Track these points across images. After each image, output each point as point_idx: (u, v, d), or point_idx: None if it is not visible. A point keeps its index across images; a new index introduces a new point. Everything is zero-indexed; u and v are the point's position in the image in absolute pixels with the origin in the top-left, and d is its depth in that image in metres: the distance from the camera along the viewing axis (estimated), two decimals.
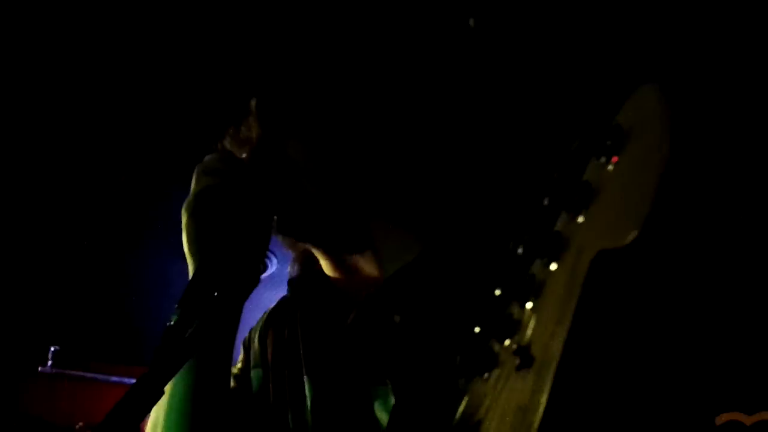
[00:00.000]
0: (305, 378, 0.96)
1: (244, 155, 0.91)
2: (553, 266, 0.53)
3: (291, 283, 1.07)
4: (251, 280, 0.82)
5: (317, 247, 0.99)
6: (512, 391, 0.53)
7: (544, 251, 0.54)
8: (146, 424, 0.91)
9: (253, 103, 0.96)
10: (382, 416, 0.85)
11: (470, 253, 0.91)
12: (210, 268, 0.79)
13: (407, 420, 0.81)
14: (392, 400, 0.84)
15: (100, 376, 4.39)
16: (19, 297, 3.98)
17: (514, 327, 0.55)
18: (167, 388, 0.72)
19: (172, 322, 0.73)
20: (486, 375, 0.58)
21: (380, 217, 0.96)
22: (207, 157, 0.90)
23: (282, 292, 1.09)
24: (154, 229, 3.41)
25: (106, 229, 3.46)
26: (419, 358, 0.84)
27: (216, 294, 0.77)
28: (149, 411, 0.71)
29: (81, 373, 4.42)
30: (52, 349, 4.27)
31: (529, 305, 0.55)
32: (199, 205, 0.86)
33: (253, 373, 1.04)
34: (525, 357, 0.52)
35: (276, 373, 1.01)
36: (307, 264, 1.07)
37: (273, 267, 3.27)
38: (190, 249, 0.86)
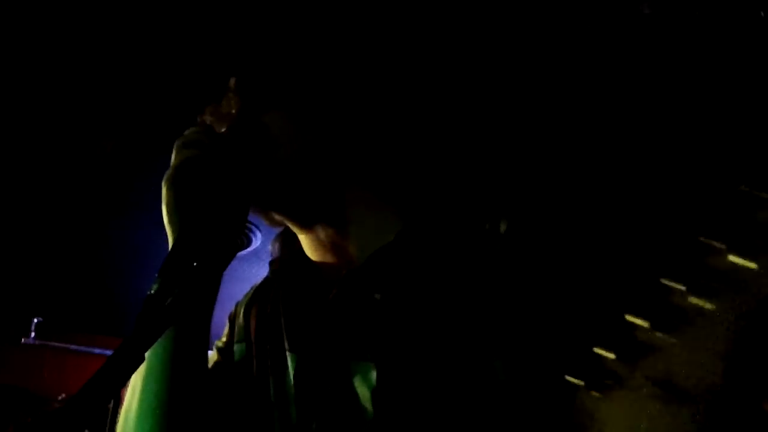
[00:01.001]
0: (287, 353, 0.97)
1: (223, 129, 0.91)
2: (709, 305, 0.52)
3: (272, 264, 1.07)
4: (229, 251, 0.83)
5: (293, 221, 1.00)
6: (648, 417, 0.52)
7: (703, 288, 0.52)
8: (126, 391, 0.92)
9: (233, 80, 0.96)
10: (363, 391, 0.86)
11: (451, 231, 0.92)
12: (189, 238, 0.80)
13: (391, 397, 0.83)
14: (373, 376, 0.85)
15: (82, 348, 4.40)
16: (3, 269, 3.97)
17: (649, 352, 0.54)
18: (147, 355, 0.73)
19: (152, 291, 0.74)
20: (599, 393, 0.57)
21: (359, 194, 0.97)
22: (187, 131, 0.91)
23: (264, 266, 1.11)
24: (138, 202, 3.41)
25: (90, 201, 3.46)
26: (401, 335, 0.85)
27: (195, 264, 0.78)
28: (130, 376, 0.72)
29: (64, 345, 4.43)
30: (35, 320, 4.28)
31: (671, 335, 0.53)
32: (178, 177, 0.86)
33: (237, 347, 1.05)
34: (668, 386, 0.51)
35: (259, 347, 1.02)
36: (288, 242, 1.08)
37: (257, 242, 3.28)
38: (169, 220, 0.87)
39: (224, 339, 1.08)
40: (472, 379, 0.80)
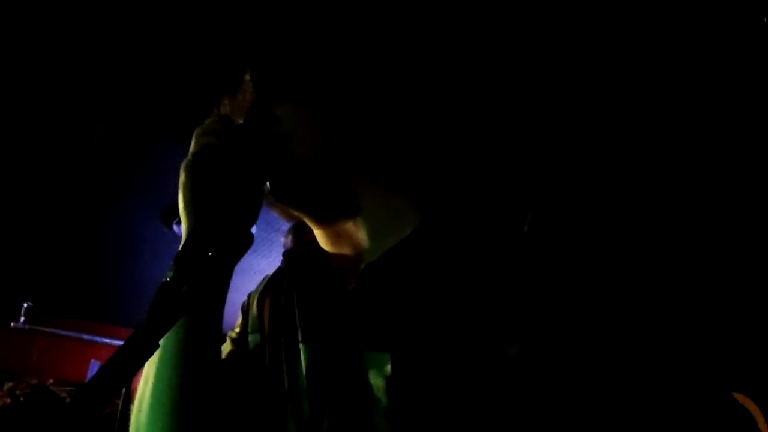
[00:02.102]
0: (301, 345, 0.97)
1: (240, 120, 0.92)
2: None
3: (285, 255, 1.07)
4: (244, 241, 0.84)
5: (306, 212, 1.00)
6: None
7: None
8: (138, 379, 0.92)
9: (248, 72, 0.96)
10: (377, 382, 0.86)
11: (472, 223, 0.93)
12: (205, 227, 0.80)
13: (406, 387, 0.84)
14: (388, 366, 0.85)
15: (72, 333, 4.40)
16: None
17: None
18: (160, 343, 0.73)
19: (167, 278, 0.75)
20: None
21: (373, 185, 0.97)
22: (206, 120, 0.91)
23: (262, 257, 1.11)
24: (128, 189, 3.40)
25: (80, 187, 3.44)
26: (416, 326, 0.86)
27: (210, 253, 0.78)
28: (144, 363, 0.72)
29: (53, 330, 4.42)
30: (25, 305, 4.27)
31: None
32: (196, 165, 0.87)
33: (251, 338, 1.05)
34: None
35: (272, 339, 1.02)
36: (300, 233, 1.08)
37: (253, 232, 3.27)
38: (186, 208, 0.87)
39: (237, 330, 1.08)
40: (486, 370, 0.81)
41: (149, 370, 0.89)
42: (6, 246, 3.90)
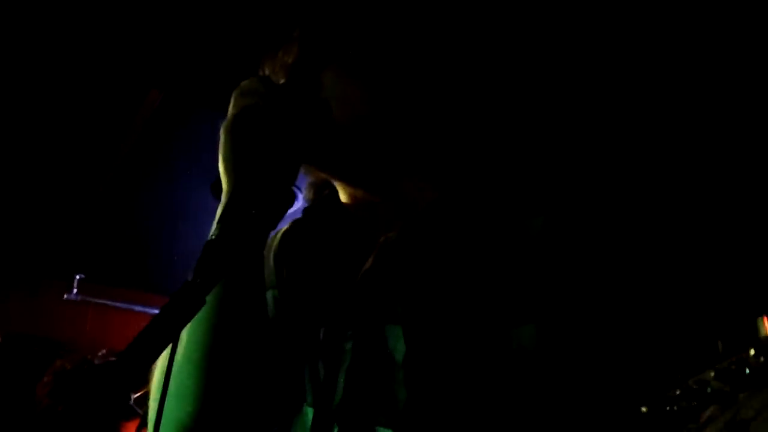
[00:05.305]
0: (318, 309, 0.98)
1: (281, 80, 0.92)
2: None
3: (307, 211, 1.08)
4: (287, 199, 0.84)
5: (335, 177, 1.01)
6: None
7: None
8: None
9: (296, 31, 0.97)
10: (394, 354, 0.87)
11: (486, 207, 0.93)
12: (247, 186, 0.81)
13: (419, 360, 0.85)
14: (403, 341, 0.87)
15: (123, 305, 4.49)
16: (46, 226, 4.04)
17: None
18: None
19: (212, 237, 0.75)
20: None
21: (399, 160, 0.98)
22: (244, 81, 0.91)
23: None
24: (179, 158, 3.43)
25: (131, 157, 3.49)
26: (431, 300, 0.87)
27: (254, 211, 0.79)
28: (191, 319, 0.73)
29: (105, 301, 4.52)
30: (77, 277, 4.36)
31: None
32: (236, 125, 0.87)
33: (269, 294, 1.05)
34: None
35: (289, 298, 1.03)
36: (321, 191, 1.09)
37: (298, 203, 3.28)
38: (226, 168, 0.87)
39: None
40: (499, 348, 0.83)
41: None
42: (58, 219, 3.98)
